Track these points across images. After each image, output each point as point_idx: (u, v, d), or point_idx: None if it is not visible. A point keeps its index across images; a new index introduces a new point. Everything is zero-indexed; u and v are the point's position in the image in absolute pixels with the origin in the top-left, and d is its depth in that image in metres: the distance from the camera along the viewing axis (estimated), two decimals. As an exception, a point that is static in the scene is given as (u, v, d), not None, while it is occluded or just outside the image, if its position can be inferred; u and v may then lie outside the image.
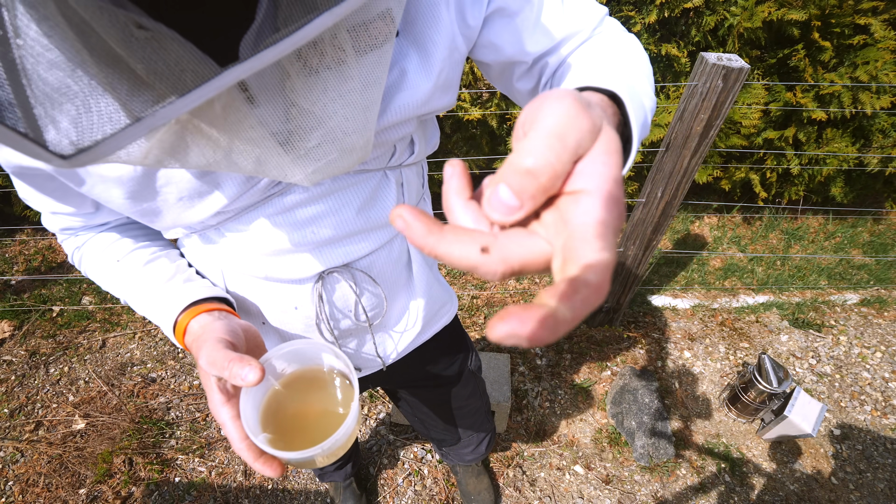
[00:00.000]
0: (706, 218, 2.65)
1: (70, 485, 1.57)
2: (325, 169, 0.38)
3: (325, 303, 0.60)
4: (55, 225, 0.57)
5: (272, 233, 0.52)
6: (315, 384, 0.49)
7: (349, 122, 0.36)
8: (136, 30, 0.22)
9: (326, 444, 0.41)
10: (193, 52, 0.24)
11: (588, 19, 0.50)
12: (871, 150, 2.20)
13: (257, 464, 0.42)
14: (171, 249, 0.62)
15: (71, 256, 0.61)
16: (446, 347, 0.91)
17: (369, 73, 0.35)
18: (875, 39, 1.94)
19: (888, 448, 1.70)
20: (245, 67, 0.24)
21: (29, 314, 2.09)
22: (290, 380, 0.49)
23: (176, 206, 0.47)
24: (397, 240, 0.63)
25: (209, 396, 0.44)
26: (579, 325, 2.08)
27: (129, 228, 0.61)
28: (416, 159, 0.58)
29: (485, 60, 0.53)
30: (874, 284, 2.33)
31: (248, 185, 0.47)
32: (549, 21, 0.49)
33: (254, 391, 0.45)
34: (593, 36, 0.51)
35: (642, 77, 0.46)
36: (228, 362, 0.40)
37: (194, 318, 0.50)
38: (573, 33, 0.50)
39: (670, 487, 1.58)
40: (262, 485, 1.59)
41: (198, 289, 0.55)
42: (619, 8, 1.92)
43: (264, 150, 0.34)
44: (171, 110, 0.24)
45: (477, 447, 1.24)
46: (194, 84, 0.24)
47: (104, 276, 0.58)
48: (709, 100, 1.28)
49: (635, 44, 0.51)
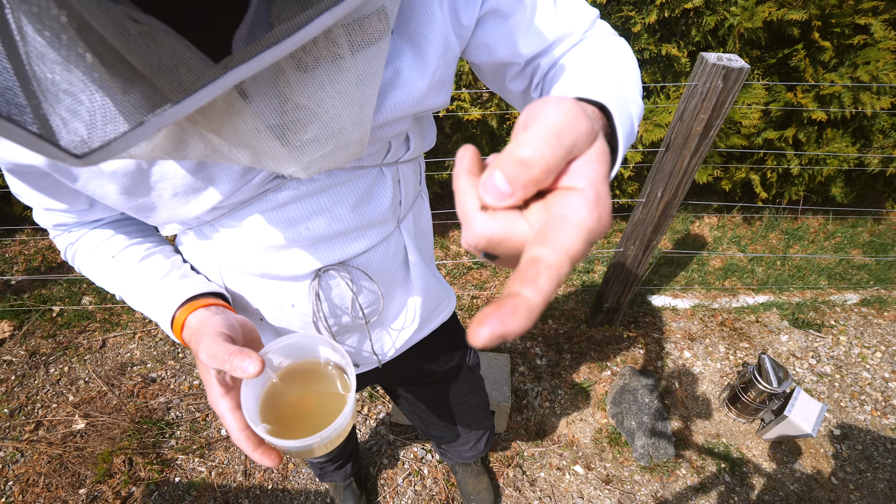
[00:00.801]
0: (706, 218, 2.66)
1: (70, 485, 1.57)
2: (321, 162, 0.39)
3: (322, 300, 0.60)
4: (48, 221, 0.57)
5: (266, 229, 0.53)
6: (312, 376, 0.50)
7: (345, 117, 0.36)
8: (130, 23, 0.22)
9: (325, 432, 0.42)
10: (191, 50, 0.24)
11: (580, 21, 0.51)
12: (872, 151, 2.20)
13: (256, 454, 0.43)
14: (166, 245, 0.62)
15: (64, 252, 0.61)
16: (444, 344, 0.91)
17: (365, 68, 0.35)
18: (875, 39, 1.94)
19: (888, 448, 1.70)
20: (249, 67, 0.25)
21: (29, 314, 2.09)
22: (286, 372, 0.49)
23: (171, 201, 0.47)
24: (394, 237, 0.63)
25: (208, 389, 0.45)
26: (579, 325, 2.08)
27: (123, 224, 0.61)
28: (412, 156, 0.59)
29: (478, 61, 0.54)
30: (874, 284, 2.33)
31: (242, 180, 0.47)
32: (542, 23, 0.50)
33: (252, 384, 0.46)
34: (585, 38, 0.52)
35: (630, 84, 0.47)
36: (229, 355, 0.40)
37: (192, 314, 0.51)
38: (565, 35, 0.51)
39: (670, 487, 1.58)
40: (262, 485, 1.59)
41: (194, 284, 0.55)
42: (619, 8, 1.91)
43: (260, 141, 0.34)
44: (178, 110, 0.25)
45: (476, 444, 1.24)
46: (199, 84, 0.24)
47: (99, 272, 0.59)
48: (709, 100, 1.28)
49: (625, 48, 0.52)
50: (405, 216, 0.64)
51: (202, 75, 0.24)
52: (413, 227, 0.67)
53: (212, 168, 0.45)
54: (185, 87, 0.25)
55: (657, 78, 2.06)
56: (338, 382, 0.50)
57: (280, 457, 0.44)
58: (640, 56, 1.98)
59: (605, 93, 0.37)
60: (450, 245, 2.51)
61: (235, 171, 0.46)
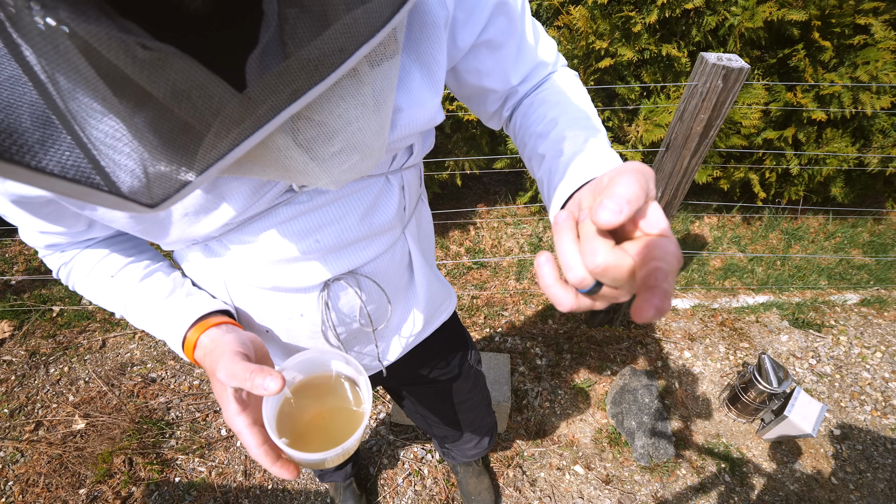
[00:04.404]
0: (706, 218, 2.66)
1: (70, 485, 1.57)
2: (348, 173, 0.41)
3: (330, 309, 0.60)
4: (39, 242, 0.55)
5: (277, 242, 0.52)
6: (324, 389, 0.51)
7: (366, 129, 0.38)
8: (177, 76, 0.25)
9: (347, 444, 0.44)
10: (255, 99, 0.28)
11: (551, 53, 0.60)
12: (871, 150, 2.20)
13: (275, 467, 0.45)
14: (164, 261, 0.62)
15: (57, 272, 0.59)
16: (446, 343, 0.92)
17: (382, 80, 0.37)
18: (875, 40, 1.94)
19: (888, 448, 1.70)
20: (300, 103, 0.29)
21: (29, 314, 2.09)
22: (299, 387, 0.51)
23: (181, 221, 0.47)
24: (399, 243, 0.64)
25: (225, 407, 0.46)
26: (579, 325, 2.08)
27: (117, 241, 0.60)
28: (414, 161, 0.59)
29: (464, 82, 0.59)
30: (874, 284, 2.33)
31: (254, 197, 0.47)
32: (527, 54, 0.57)
33: (270, 400, 0.47)
34: (557, 69, 0.61)
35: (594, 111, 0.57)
36: (250, 373, 0.42)
37: (204, 333, 0.51)
38: (542, 64, 0.59)
39: (670, 487, 1.58)
40: (262, 485, 1.59)
41: (202, 303, 0.55)
42: (619, 8, 1.91)
43: (290, 159, 0.36)
44: (239, 150, 0.29)
45: (479, 442, 1.24)
46: (254, 127, 0.28)
47: (97, 292, 0.58)
48: (709, 100, 1.28)
49: (578, 78, 0.62)
50: (409, 221, 0.65)
51: (261, 118, 0.28)
52: (416, 230, 0.68)
53: (223, 187, 0.45)
54: (247, 132, 0.28)
55: (657, 78, 2.06)
56: (350, 394, 0.51)
57: (297, 470, 0.46)
58: (641, 56, 1.98)
59: (612, 156, 0.47)
60: (450, 245, 2.50)
61: (247, 188, 0.46)
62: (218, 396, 0.47)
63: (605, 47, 1.93)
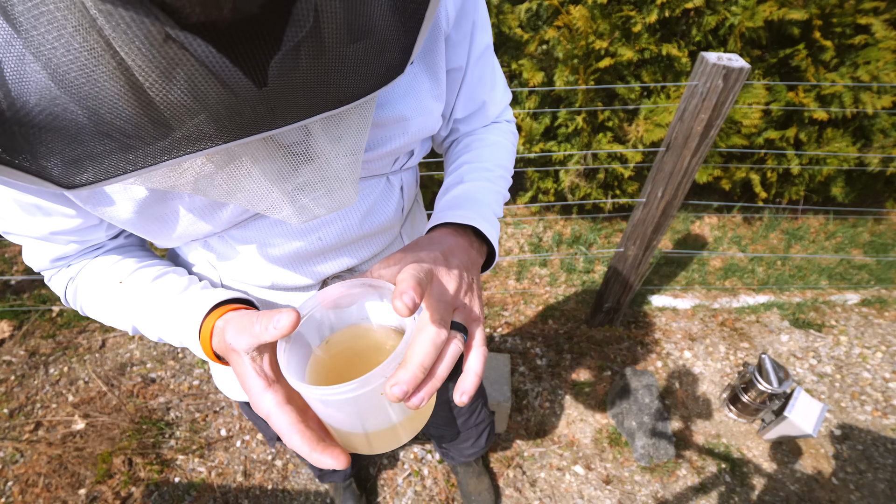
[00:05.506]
0: (706, 218, 2.65)
1: (70, 485, 1.57)
2: (314, 206, 0.36)
3: None
4: (46, 257, 0.52)
5: (279, 239, 0.52)
6: (359, 337, 0.44)
7: (338, 163, 0.35)
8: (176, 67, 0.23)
9: (390, 359, 0.34)
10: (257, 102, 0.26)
11: (500, 105, 0.63)
12: (872, 150, 2.20)
13: (316, 453, 0.35)
14: (176, 266, 0.60)
15: (64, 293, 0.56)
16: None
17: (358, 117, 0.34)
18: (876, 39, 1.93)
19: (889, 448, 1.70)
20: (318, 118, 0.28)
21: (29, 314, 2.09)
22: (331, 343, 0.43)
23: (185, 217, 0.46)
24: (396, 243, 0.65)
25: (248, 385, 0.38)
26: (579, 326, 2.08)
27: (128, 250, 0.58)
28: (414, 163, 0.60)
29: None
30: (875, 284, 2.32)
31: None
32: (477, 94, 0.60)
33: (294, 360, 0.38)
34: (499, 122, 0.65)
35: (509, 174, 0.62)
36: (258, 317, 0.36)
37: (220, 318, 0.46)
38: (484, 111, 0.62)
39: (670, 488, 1.58)
40: (262, 485, 1.58)
41: (220, 292, 0.52)
42: (619, 8, 1.91)
43: (253, 183, 0.33)
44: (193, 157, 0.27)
45: (476, 441, 1.24)
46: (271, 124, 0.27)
47: (105, 302, 0.54)
48: (709, 100, 1.27)
49: (514, 138, 0.67)
50: (406, 221, 0.66)
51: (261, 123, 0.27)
52: (411, 230, 0.69)
53: None
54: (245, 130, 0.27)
55: (657, 78, 2.05)
56: (393, 334, 0.43)
57: (348, 457, 0.36)
58: (641, 56, 1.98)
59: (494, 217, 0.53)
60: (450, 245, 2.50)
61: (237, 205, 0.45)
62: (240, 377, 0.39)
63: (605, 47, 1.93)
